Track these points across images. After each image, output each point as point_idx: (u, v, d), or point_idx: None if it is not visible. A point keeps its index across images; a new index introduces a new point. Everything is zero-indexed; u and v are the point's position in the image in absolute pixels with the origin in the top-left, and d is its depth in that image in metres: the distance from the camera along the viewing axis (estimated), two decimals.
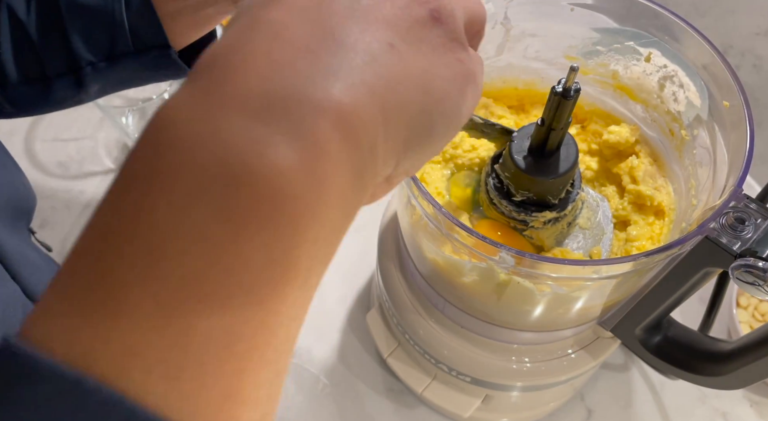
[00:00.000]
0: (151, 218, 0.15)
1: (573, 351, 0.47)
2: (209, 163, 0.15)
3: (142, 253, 0.15)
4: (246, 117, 0.16)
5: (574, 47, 0.44)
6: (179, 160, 0.16)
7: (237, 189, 0.15)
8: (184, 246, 0.15)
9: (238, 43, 0.18)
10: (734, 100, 0.36)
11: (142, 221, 0.15)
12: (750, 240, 0.32)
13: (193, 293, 0.15)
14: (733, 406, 0.59)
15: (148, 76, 0.46)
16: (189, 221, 0.15)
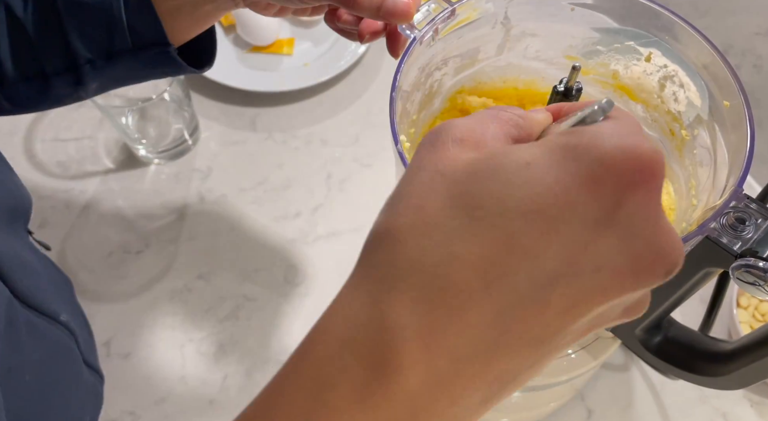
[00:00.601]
0: None
1: (573, 351, 0.47)
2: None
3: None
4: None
5: (575, 47, 0.44)
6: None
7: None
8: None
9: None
10: (735, 100, 0.36)
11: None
12: (750, 240, 0.32)
13: None
14: (734, 406, 0.59)
15: (147, 74, 0.46)
16: None
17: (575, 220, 0.19)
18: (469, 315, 0.19)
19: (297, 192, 0.71)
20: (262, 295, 0.64)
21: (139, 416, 0.59)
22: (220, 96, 0.76)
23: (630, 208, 0.19)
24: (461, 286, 0.19)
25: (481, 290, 0.19)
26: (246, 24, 0.76)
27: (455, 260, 0.19)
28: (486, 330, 0.19)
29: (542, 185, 0.19)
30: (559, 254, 0.19)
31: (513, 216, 0.19)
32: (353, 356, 0.19)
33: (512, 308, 0.19)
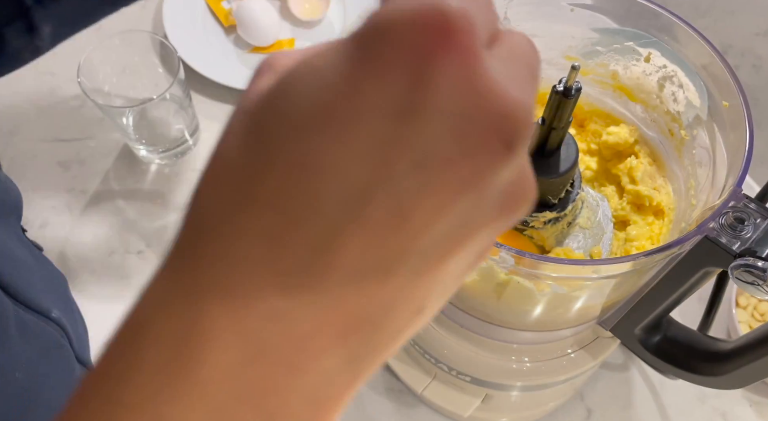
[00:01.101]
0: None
1: (572, 351, 0.47)
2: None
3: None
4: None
5: (574, 47, 0.44)
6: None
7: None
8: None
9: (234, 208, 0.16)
10: (734, 100, 0.36)
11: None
12: (749, 240, 0.32)
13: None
14: (733, 406, 0.59)
15: (101, 7, 0.42)
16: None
17: (371, 116, 0.15)
18: (280, 262, 0.16)
19: None
20: None
21: None
22: (221, 96, 0.76)
23: (436, 83, 0.15)
24: (260, 230, 0.16)
25: (285, 229, 0.16)
26: (246, 25, 0.76)
27: (251, 201, 0.16)
28: (303, 272, 0.16)
29: (327, 87, 0.15)
30: (362, 160, 0.15)
31: (300, 132, 0.15)
32: (145, 339, 0.17)
33: (327, 238, 0.15)
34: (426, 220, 0.16)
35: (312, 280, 0.16)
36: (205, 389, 0.16)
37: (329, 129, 0.15)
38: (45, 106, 0.76)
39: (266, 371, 0.16)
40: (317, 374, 0.17)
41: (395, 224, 0.16)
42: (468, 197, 0.16)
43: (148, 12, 0.83)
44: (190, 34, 0.78)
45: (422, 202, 0.16)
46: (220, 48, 0.79)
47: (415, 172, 0.15)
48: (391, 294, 0.17)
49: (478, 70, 0.15)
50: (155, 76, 0.73)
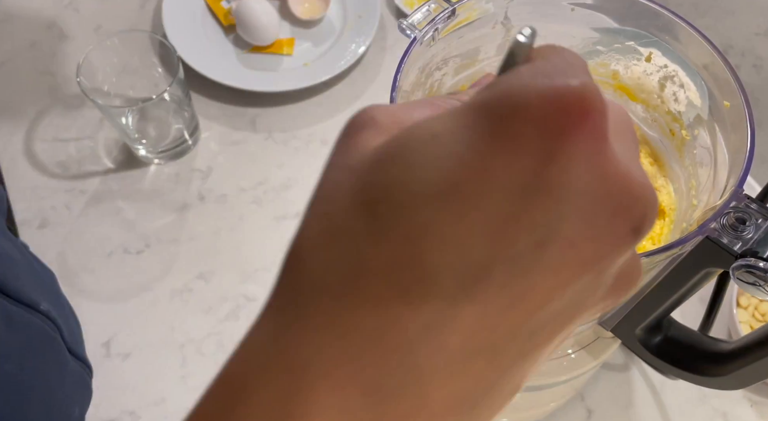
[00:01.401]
0: None
1: (573, 351, 0.47)
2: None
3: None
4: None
5: (575, 47, 0.44)
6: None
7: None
8: None
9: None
10: (735, 100, 0.36)
11: None
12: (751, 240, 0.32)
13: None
14: (733, 406, 0.59)
15: None
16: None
17: (497, 191, 0.14)
18: (389, 336, 0.15)
19: (297, 192, 0.71)
20: (263, 295, 0.64)
21: (138, 416, 0.59)
22: (220, 96, 0.76)
23: (565, 162, 0.15)
24: (371, 302, 0.15)
25: (399, 302, 0.15)
26: (246, 24, 0.76)
27: (363, 271, 0.15)
28: (414, 350, 0.15)
29: (451, 157, 0.15)
30: (483, 235, 0.14)
31: (421, 202, 0.15)
32: (249, 407, 0.16)
33: (439, 315, 0.15)
34: (541, 300, 0.15)
35: (420, 359, 0.15)
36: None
37: (453, 202, 0.15)
38: (44, 106, 0.76)
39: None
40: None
41: (510, 304, 0.15)
42: (586, 279, 0.16)
43: (147, 12, 0.83)
44: (190, 33, 0.78)
45: (540, 281, 0.15)
46: (219, 47, 0.78)
47: (535, 251, 0.15)
48: (495, 375, 0.16)
49: (608, 152, 0.15)
50: (154, 75, 0.72)
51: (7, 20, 0.83)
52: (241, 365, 0.17)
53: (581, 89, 0.15)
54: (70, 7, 0.84)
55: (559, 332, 0.17)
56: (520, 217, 0.15)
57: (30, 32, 0.82)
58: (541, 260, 0.15)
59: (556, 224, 0.15)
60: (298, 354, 0.15)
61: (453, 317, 0.15)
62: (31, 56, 0.80)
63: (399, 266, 0.15)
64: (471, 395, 0.16)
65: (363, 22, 0.80)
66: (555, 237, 0.15)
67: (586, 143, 0.15)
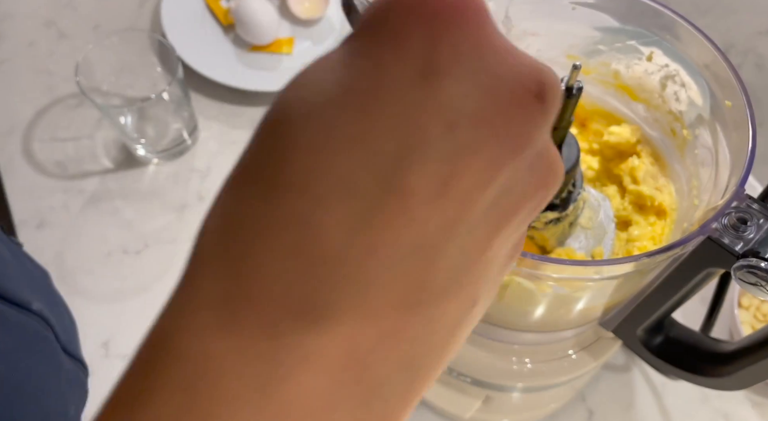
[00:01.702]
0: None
1: (574, 352, 0.46)
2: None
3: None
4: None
5: (576, 46, 0.44)
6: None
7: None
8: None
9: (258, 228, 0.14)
10: (736, 99, 0.36)
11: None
12: (752, 240, 0.32)
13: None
14: (735, 407, 0.59)
15: None
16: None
17: (394, 84, 0.14)
18: (313, 250, 0.14)
19: None
20: None
21: None
22: (220, 95, 0.76)
23: (456, 42, 0.15)
24: (289, 217, 0.14)
25: (316, 213, 0.14)
26: (245, 23, 0.76)
27: (271, 194, 0.15)
28: (342, 257, 0.14)
29: (343, 67, 0.15)
30: (392, 128, 0.14)
31: (321, 112, 0.14)
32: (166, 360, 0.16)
33: (364, 218, 0.14)
34: (470, 184, 0.15)
35: (351, 266, 0.14)
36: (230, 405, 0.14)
37: (352, 103, 0.14)
38: (42, 106, 0.75)
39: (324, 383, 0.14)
40: (373, 384, 0.15)
41: (438, 192, 0.14)
42: (508, 157, 0.15)
43: (146, 11, 0.83)
44: (189, 33, 0.78)
45: (463, 163, 0.14)
46: (218, 47, 0.78)
47: (450, 133, 0.14)
48: (442, 278, 0.15)
49: (494, 30, 0.15)
50: (153, 75, 0.72)
51: (5, 19, 0.82)
52: (165, 315, 0.18)
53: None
54: (69, 6, 0.84)
55: (500, 226, 0.16)
56: (423, 102, 0.14)
57: (28, 31, 0.81)
58: (457, 141, 0.14)
59: (460, 102, 0.14)
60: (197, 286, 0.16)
61: (381, 218, 0.14)
62: (29, 55, 0.79)
63: (311, 177, 0.14)
64: (420, 304, 0.15)
65: None
66: (464, 115, 0.14)
67: (470, 24, 0.15)
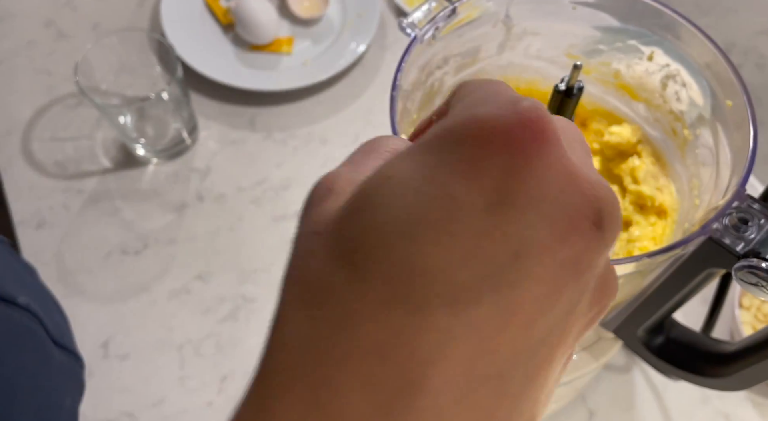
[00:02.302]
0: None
1: (575, 352, 0.46)
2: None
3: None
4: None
5: (576, 46, 0.43)
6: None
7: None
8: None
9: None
10: (737, 99, 0.36)
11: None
12: (753, 241, 0.31)
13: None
14: (736, 407, 0.59)
15: None
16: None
17: (463, 213, 0.15)
18: (383, 382, 0.15)
19: (296, 192, 0.70)
20: (262, 296, 0.64)
21: (137, 417, 0.58)
22: (219, 95, 0.76)
23: (527, 172, 0.15)
24: (366, 346, 0.15)
25: (391, 343, 0.15)
26: (245, 23, 0.76)
27: (348, 322, 0.15)
28: (407, 389, 0.15)
29: (412, 192, 0.15)
30: (464, 258, 0.15)
31: (393, 240, 0.15)
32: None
33: (437, 349, 0.15)
34: (533, 311, 0.15)
35: (417, 397, 0.14)
36: None
37: (425, 233, 0.15)
38: (42, 106, 0.75)
39: None
40: None
41: (505, 321, 0.15)
42: (569, 282, 0.16)
43: (145, 10, 0.83)
44: (188, 32, 0.78)
45: (527, 291, 0.15)
46: (218, 46, 0.78)
47: (515, 262, 0.15)
48: (507, 404, 0.16)
49: (564, 157, 0.16)
50: (153, 74, 0.72)
51: (4, 19, 0.82)
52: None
53: (533, 106, 0.16)
54: (68, 5, 0.83)
55: (558, 346, 0.17)
56: (492, 233, 0.15)
57: (27, 31, 0.81)
58: (522, 269, 0.15)
59: (527, 232, 0.15)
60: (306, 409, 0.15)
61: (452, 347, 0.15)
62: (28, 55, 0.79)
63: (387, 306, 0.15)
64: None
65: (363, 21, 0.79)
66: (529, 244, 0.15)
67: (543, 153, 0.16)
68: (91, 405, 0.59)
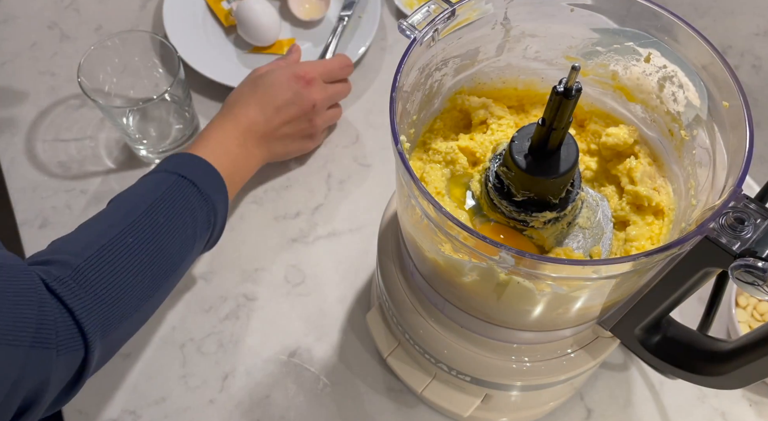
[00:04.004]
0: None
1: (572, 351, 0.47)
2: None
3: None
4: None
5: (574, 48, 0.44)
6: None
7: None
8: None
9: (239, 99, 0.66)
10: (734, 100, 0.36)
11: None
12: (749, 240, 0.32)
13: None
14: (732, 405, 0.59)
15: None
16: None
17: (284, 87, 0.66)
18: (253, 121, 0.64)
19: (297, 192, 0.71)
20: (263, 294, 0.65)
21: (139, 415, 0.59)
22: (221, 96, 0.76)
23: (294, 77, 0.67)
24: (252, 109, 0.65)
25: (258, 111, 0.65)
26: (246, 25, 0.76)
27: (248, 103, 0.65)
28: (261, 112, 0.65)
29: (271, 72, 0.68)
30: (260, 85, 0.66)
31: (255, 84, 0.67)
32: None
33: (274, 116, 0.65)
34: (282, 119, 0.66)
35: (263, 129, 0.65)
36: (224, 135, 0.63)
37: (257, 82, 0.67)
38: (45, 107, 0.76)
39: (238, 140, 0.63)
40: (252, 154, 0.65)
41: (272, 116, 0.66)
42: (295, 113, 0.67)
43: (148, 12, 0.83)
44: (191, 34, 0.78)
45: (281, 108, 0.66)
46: (220, 48, 0.79)
47: (276, 97, 0.66)
48: (277, 146, 0.68)
49: (293, 71, 0.68)
50: (155, 76, 0.73)
51: (8, 21, 0.83)
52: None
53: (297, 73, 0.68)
54: (71, 7, 0.84)
55: (289, 143, 0.69)
56: (283, 89, 0.66)
57: (31, 33, 0.82)
58: (276, 99, 0.66)
59: (280, 90, 0.67)
60: (223, 117, 0.65)
61: (279, 116, 0.66)
62: (31, 56, 0.80)
63: (261, 100, 0.66)
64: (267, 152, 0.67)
65: (363, 23, 0.80)
66: (280, 93, 0.66)
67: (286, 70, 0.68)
68: (94, 404, 0.59)
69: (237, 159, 0.61)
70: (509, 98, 0.48)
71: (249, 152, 0.63)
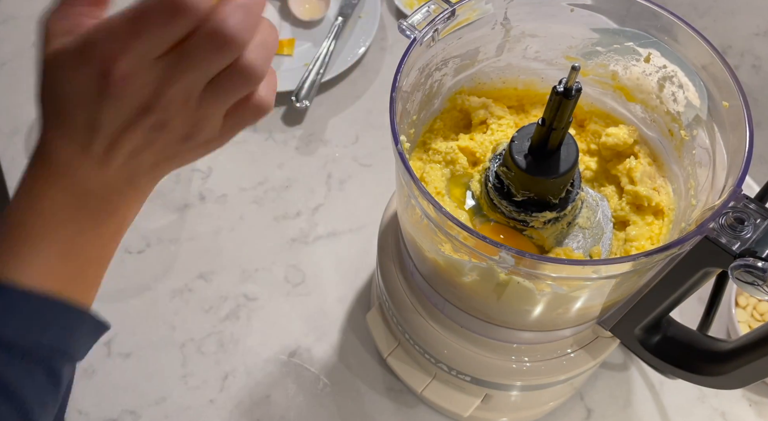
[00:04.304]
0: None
1: (572, 351, 0.47)
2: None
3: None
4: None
5: (574, 48, 0.44)
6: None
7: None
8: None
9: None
10: (733, 100, 0.36)
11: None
12: (749, 240, 0.32)
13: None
14: (732, 405, 0.59)
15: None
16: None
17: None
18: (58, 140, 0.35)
19: (297, 192, 0.71)
20: (263, 294, 0.65)
21: (139, 415, 0.59)
22: None
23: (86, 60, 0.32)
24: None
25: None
26: None
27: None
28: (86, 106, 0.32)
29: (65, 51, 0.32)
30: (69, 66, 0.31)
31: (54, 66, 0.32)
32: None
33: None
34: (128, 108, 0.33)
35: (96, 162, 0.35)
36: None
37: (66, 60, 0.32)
38: None
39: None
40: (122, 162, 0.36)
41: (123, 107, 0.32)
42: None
43: None
44: None
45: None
46: None
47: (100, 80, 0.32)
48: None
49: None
50: None
51: (8, 21, 0.83)
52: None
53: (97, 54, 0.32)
54: None
55: (164, 157, 0.37)
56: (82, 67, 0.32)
57: (31, 33, 0.82)
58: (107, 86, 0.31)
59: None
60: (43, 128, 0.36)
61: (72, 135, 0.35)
62: (32, 56, 0.80)
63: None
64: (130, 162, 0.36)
65: (363, 23, 0.80)
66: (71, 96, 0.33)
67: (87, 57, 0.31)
68: (93, 403, 0.59)
69: (79, 243, 0.35)
70: (509, 98, 0.48)
71: (99, 211, 0.36)
